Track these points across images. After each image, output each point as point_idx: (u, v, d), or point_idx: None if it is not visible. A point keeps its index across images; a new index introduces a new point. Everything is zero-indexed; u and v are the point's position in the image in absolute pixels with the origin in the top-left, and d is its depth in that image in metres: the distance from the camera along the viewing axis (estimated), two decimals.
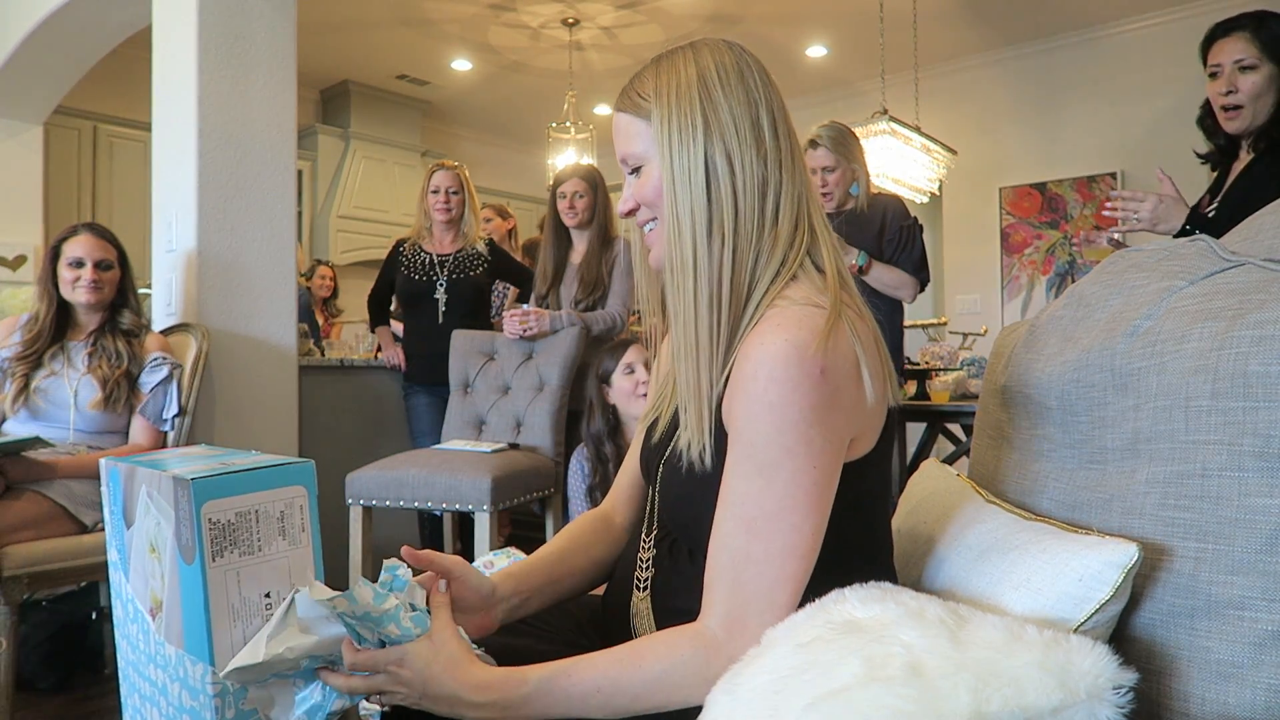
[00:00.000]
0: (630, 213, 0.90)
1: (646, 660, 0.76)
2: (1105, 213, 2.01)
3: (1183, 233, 1.89)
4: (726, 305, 0.82)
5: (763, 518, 0.75)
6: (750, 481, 0.76)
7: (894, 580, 0.89)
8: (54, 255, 2.14)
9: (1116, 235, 2.00)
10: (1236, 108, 1.88)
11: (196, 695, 0.74)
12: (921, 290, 2.68)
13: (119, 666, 0.89)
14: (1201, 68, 1.98)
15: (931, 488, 1.10)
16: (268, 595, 0.76)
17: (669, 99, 0.84)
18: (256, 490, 0.75)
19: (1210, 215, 1.91)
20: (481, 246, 3.10)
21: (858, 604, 0.71)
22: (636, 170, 0.88)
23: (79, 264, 2.12)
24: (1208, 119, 2.01)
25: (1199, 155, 2.08)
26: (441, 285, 3.01)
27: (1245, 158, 1.95)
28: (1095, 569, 0.75)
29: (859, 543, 0.85)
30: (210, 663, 0.73)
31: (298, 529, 0.78)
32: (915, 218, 2.69)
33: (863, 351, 0.78)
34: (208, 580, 0.72)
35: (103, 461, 0.88)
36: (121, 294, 2.20)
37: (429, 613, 0.81)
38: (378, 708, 0.84)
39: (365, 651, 0.77)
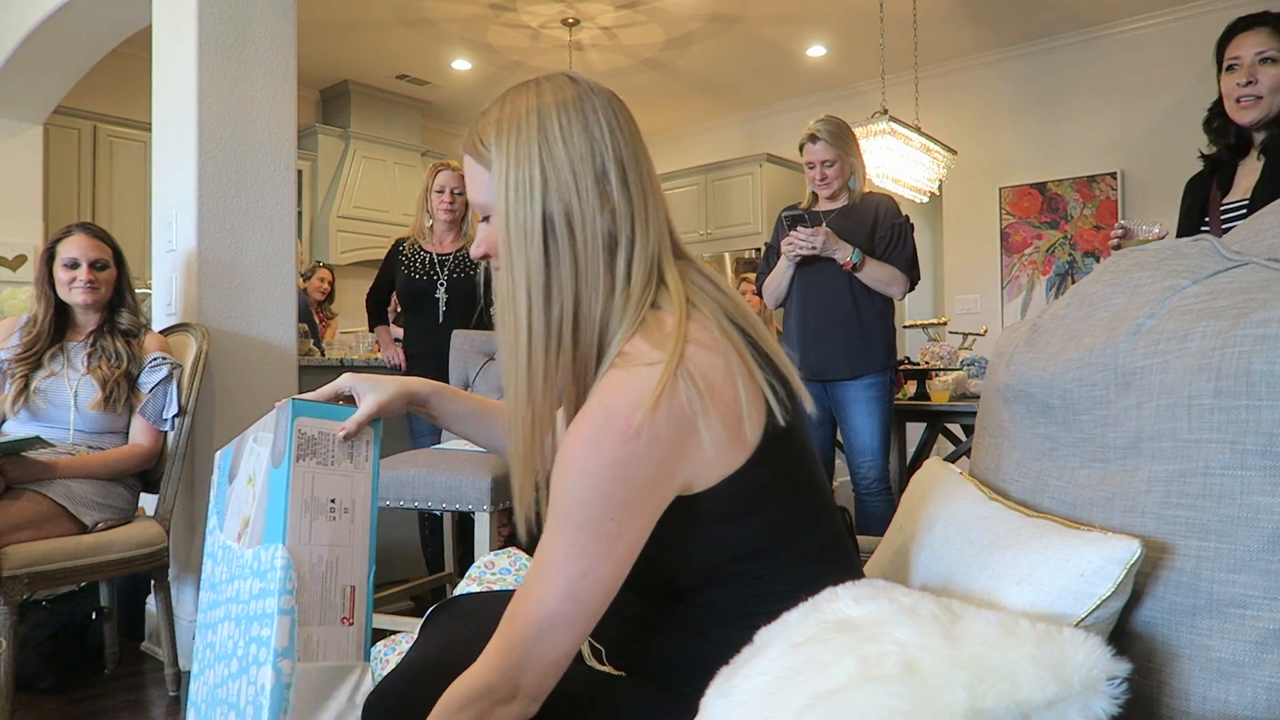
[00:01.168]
0: (484, 256, 0.87)
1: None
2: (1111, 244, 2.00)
3: (1194, 231, 1.88)
4: (569, 376, 0.79)
5: (550, 561, 0.75)
6: (549, 529, 0.76)
7: (828, 572, 0.84)
8: (49, 256, 2.14)
9: (1159, 229, 2.00)
10: (1255, 98, 1.87)
11: (264, 576, 0.90)
12: (912, 288, 2.69)
13: (198, 622, 1.06)
14: (1202, 67, 1.97)
15: (933, 485, 1.09)
16: (333, 501, 0.93)
17: (508, 150, 0.79)
18: (338, 419, 0.96)
19: (1228, 217, 1.90)
20: None
21: (851, 603, 0.71)
22: (488, 218, 0.84)
23: (74, 265, 2.11)
24: (1215, 120, 2.00)
25: (1203, 156, 2.06)
26: (442, 285, 3.01)
27: (1256, 163, 1.93)
28: (1097, 565, 0.75)
29: (764, 543, 0.82)
30: (283, 542, 0.89)
31: (362, 457, 0.97)
32: (906, 215, 2.70)
33: (703, 397, 0.75)
34: (290, 477, 0.90)
35: (219, 452, 1.10)
36: (119, 294, 2.20)
37: None
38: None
39: None
